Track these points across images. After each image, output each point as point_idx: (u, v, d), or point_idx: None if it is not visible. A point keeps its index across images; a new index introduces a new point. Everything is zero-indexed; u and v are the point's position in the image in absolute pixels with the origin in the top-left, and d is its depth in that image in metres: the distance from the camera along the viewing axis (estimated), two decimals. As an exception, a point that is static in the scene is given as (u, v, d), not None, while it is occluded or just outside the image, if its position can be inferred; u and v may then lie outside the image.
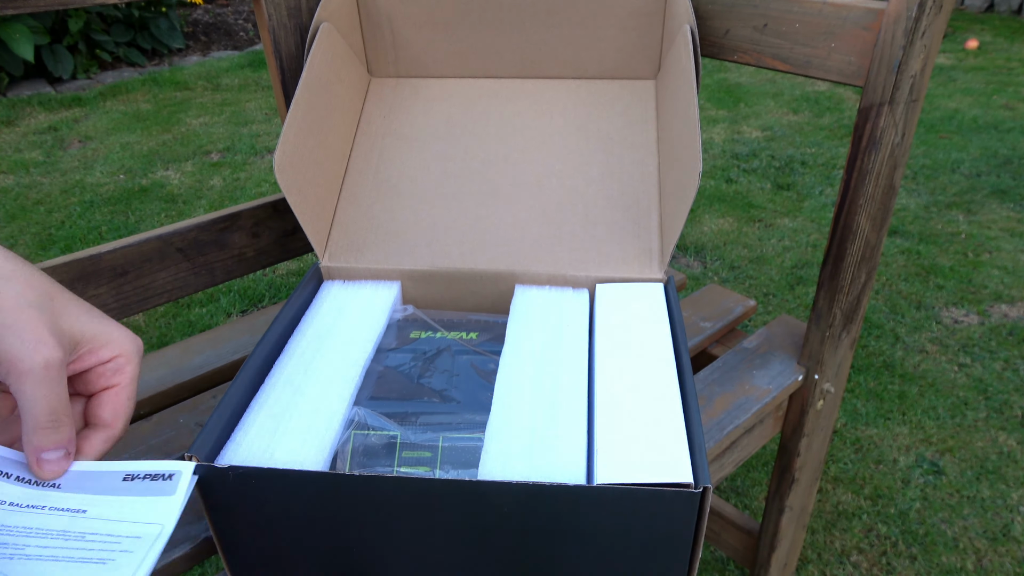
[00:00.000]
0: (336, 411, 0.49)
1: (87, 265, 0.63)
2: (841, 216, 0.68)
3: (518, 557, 0.44)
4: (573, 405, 0.49)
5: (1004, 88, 3.29)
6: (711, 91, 3.36)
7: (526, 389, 0.50)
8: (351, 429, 0.48)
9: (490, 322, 0.60)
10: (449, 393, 0.52)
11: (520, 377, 0.51)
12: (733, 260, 2.04)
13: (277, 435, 0.47)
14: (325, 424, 0.48)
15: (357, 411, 0.50)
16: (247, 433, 0.47)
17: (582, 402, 0.49)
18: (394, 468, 0.47)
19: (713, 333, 0.93)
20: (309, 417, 0.48)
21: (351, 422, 0.49)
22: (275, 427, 0.47)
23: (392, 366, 0.55)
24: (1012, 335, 1.72)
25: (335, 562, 0.47)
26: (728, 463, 0.77)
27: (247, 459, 0.45)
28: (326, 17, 0.68)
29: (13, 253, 0.40)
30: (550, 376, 0.51)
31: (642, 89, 0.74)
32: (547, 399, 0.49)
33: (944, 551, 1.21)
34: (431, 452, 0.47)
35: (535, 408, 0.48)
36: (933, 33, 0.59)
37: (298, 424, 0.48)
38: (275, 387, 0.51)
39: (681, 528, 0.41)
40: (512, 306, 0.59)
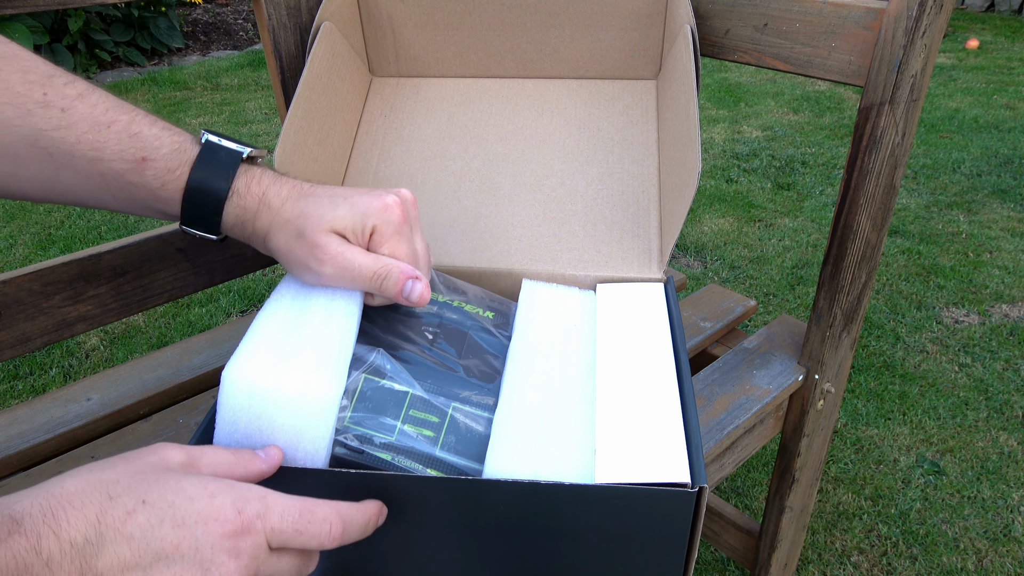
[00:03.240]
0: (346, 343, 0.46)
1: (87, 265, 0.63)
2: (841, 216, 0.68)
3: (516, 555, 0.44)
4: (580, 403, 0.49)
5: (1005, 88, 3.29)
6: (711, 91, 3.36)
7: (533, 385, 0.50)
8: (363, 372, 0.46)
9: (503, 307, 0.59)
10: (464, 363, 0.51)
11: (528, 372, 0.51)
12: (733, 260, 2.04)
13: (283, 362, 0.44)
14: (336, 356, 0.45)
15: (376, 355, 0.48)
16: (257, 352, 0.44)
17: (590, 400, 0.49)
18: (398, 424, 0.45)
19: (713, 333, 0.93)
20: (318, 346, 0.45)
21: (366, 363, 0.47)
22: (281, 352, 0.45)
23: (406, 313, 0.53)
24: (1013, 335, 1.72)
25: (335, 559, 0.47)
26: (728, 463, 0.77)
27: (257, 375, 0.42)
28: (327, 17, 0.68)
29: None
30: (558, 372, 0.51)
31: (642, 89, 0.74)
32: (555, 396, 0.49)
33: (945, 551, 1.21)
34: (439, 418, 0.46)
35: (542, 405, 0.48)
36: (933, 32, 0.59)
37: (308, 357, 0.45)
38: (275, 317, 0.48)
39: (677, 527, 0.41)
40: (520, 300, 0.59)
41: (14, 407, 0.76)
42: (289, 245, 0.46)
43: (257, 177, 0.47)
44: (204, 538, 0.34)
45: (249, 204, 0.46)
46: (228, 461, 0.39)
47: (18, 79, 0.41)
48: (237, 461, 0.39)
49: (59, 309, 0.63)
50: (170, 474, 0.35)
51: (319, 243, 0.45)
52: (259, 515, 0.36)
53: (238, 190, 0.46)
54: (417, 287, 0.47)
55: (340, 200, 0.46)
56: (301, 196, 0.46)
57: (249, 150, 0.47)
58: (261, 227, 0.46)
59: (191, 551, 0.33)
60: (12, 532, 0.29)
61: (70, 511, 0.31)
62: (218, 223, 0.46)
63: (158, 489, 0.34)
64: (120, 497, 0.33)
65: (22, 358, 1.67)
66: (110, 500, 0.32)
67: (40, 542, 0.30)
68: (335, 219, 0.45)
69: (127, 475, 0.34)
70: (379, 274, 0.46)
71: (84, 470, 0.34)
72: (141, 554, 0.32)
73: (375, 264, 0.46)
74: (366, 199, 0.46)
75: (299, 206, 0.46)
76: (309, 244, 0.45)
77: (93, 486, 0.33)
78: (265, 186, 0.46)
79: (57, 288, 0.62)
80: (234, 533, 0.34)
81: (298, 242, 0.45)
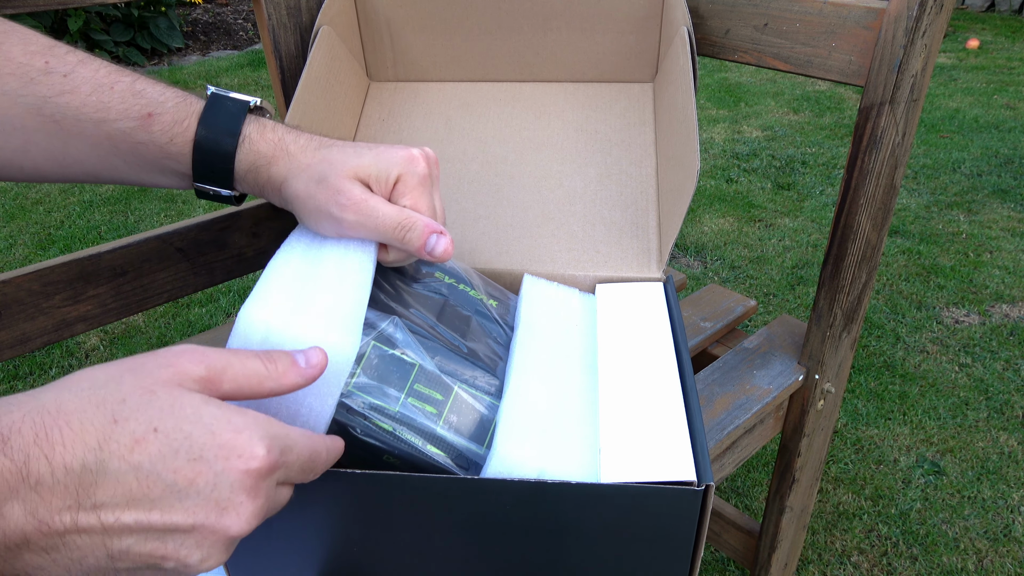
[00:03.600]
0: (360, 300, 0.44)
1: (87, 265, 0.63)
2: (842, 216, 0.68)
3: (521, 554, 0.44)
4: (583, 399, 0.49)
5: (1005, 88, 3.29)
6: (711, 91, 3.36)
7: (539, 377, 0.50)
8: (373, 338, 0.45)
9: (503, 298, 0.58)
10: (469, 346, 0.50)
11: (534, 364, 0.51)
12: (733, 260, 2.04)
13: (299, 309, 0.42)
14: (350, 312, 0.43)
15: (389, 323, 0.46)
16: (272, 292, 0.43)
17: (592, 397, 0.49)
18: (402, 396, 0.44)
19: (713, 333, 0.93)
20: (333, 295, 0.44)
21: (377, 330, 0.46)
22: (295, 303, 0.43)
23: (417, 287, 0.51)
24: (1013, 335, 1.72)
25: (337, 558, 0.47)
26: (728, 463, 0.77)
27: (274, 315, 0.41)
28: (326, 21, 0.68)
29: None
30: (562, 368, 0.51)
31: (640, 92, 0.74)
32: (559, 391, 0.49)
33: (945, 551, 1.21)
34: (443, 395, 0.46)
35: (547, 398, 0.48)
36: (934, 32, 0.59)
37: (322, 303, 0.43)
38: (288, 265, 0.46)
39: (683, 525, 0.41)
40: (523, 293, 0.58)
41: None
42: (309, 191, 0.44)
43: (270, 126, 0.46)
44: (224, 474, 0.30)
45: (264, 149, 0.45)
46: (257, 375, 0.34)
47: (19, 50, 0.41)
48: (268, 374, 0.35)
49: (59, 309, 0.63)
50: (187, 397, 0.31)
51: (342, 188, 0.44)
52: (283, 453, 0.33)
53: (249, 135, 0.45)
54: (442, 242, 0.45)
55: (364, 149, 0.45)
56: (322, 145, 0.46)
57: (257, 100, 0.46)
58: (277, 174, 0.45)
59: (208, 487, 0.30)
60: (25, 476, 0.27)
61: (66, 432, 0.28)
62: (230, 173, 0.45)
63: (172, 417, 0.30)
64: (127, 421, 0.29)
65: (22, 358, 1.67)
66: (114, 424, 0.29)
67: (28, 464, 0.27)
68: (359, 166, 0.44)
69: (136, 394, 0.30)
70: (403, 225, 0.44)
71: (85, 383, 0.30)
72: (150, 486, 0.29)
73: (399, 215, 0.45)
74: (391, 150, 0.46)
75: (321, 153, 0.45)
76: (332, 189, 0.44)
77: (95, 406, 0.29)
78: (281, 134, 0.46)
79: (57, 288, 0.62)
80: (257, 472, 0.31)
81: (319, 187, 0.44)
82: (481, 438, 0.46)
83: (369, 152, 0.45)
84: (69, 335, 0.64)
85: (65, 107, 0.42)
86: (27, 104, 0.41)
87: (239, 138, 0.44)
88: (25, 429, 0.28)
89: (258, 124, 0.45)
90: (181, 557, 0.30)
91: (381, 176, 0.45)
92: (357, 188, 0.44)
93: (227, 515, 0.31)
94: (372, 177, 0.45)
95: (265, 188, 0.46)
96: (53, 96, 0.41)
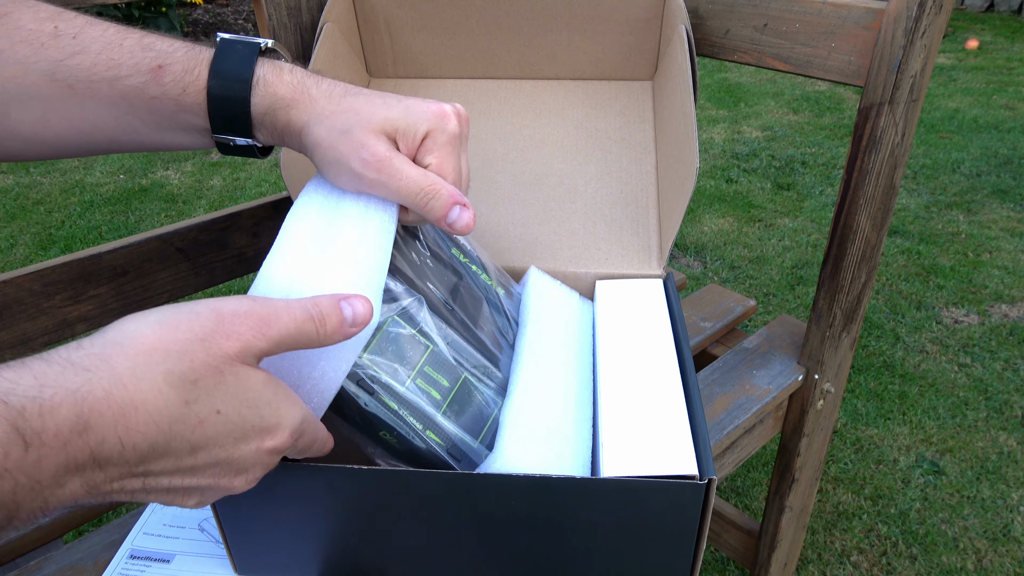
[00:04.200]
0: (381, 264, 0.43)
1: (87, 265, 0.63)
2: (841, 216, 0.68)
3: (525, 548, 0.44)
4: (584, 403, 0.49)
5: (1004, 88, 3.29)
6: (711, 91, 3.36)
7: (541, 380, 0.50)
8: (395, 312, 0.44)
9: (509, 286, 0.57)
10: (479, 333, 0.49)
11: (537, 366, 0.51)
12: (733, 260, 2.04)
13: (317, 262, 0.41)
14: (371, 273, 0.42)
15: (414, 301, 0.45)
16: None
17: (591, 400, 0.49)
18: (409, 378, 0.43)
19: (713, 333, 0.93)
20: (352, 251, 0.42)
21: (399, 304, 0.44)
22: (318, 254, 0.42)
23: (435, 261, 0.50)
24: (1012, 335, 1.72)
25: (339, 557, 0.47)
26: (728, 463, 0.77)
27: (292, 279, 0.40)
28: (330, 20, 0.69)
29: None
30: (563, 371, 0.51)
31: (639, 90, 0.74)
32: (561, 395, 0.49)
33: (944, 551, 1.21)
34: (449, 382, 0.45)
35: (550, 401, 0.48)
36: (933, 33, 0.59)
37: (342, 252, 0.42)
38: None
39: (686, 520, 0.41)
40: (529, 289, 0.58)
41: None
42: (332, 140, 0.42)
43: (287, 68, 0.44)
44: (256, 452, 0.34)
45: (282, 92, 0.43)
46: (309, 340, 0.36)
47: (29, 17, 0.41)
48: (318, 338, 0.36)
49: (59, 309, 0.63)
50: (250, 380, 0.33)
51: (367, 143, 0.42)
52: (299, 437, 0.36)
53: (264, 77, 0.43)
54: (465, 215, 0.43)
55: (393, 101, 0.43)
56: (348, 93, 0.43)
57: (269, 41, 0.44)
58: (297, 119, 0.43)
59: (239, 460, 0.34)
60: (81, 433, 0.28)
61: (142, 415, 0.29)
62: (248, 118, 0.43)
63: (234, 400, 0.32)
64: (196, 403, 0.31)
65: (22, 358, 1.67)
66: (186, 406, 0.31)
67: (103, 447, 0.28)
68: (387, 119, 0.42)
69: (207, 374, 0.31)
70: (426, 192, 0.42)
71: (159, 361, 0.30)
72: (197, 459, 0.32)
73: (424, 180, 0.42)
74: (422, 104, 0.44)
75: (347, 101, 0.43)
76: (356, 143, 0.42)
77: (168, 384, 0.30)
78: (300, 76, 0.44)
79: (57, 288, 0.62)
80: (278, 451, 0.35)
81: (343, 138, 0.42)
82: (477, 431, 0.46)
83: (398, 104, 0.43)
84: (70, 335, 0.64)
85: (77, 69, 0.41)
86: (41, 71, 0.41)
87: (253, 80, 0.42)
88: (107, 412, 0.28)
89: (273, 66, 0.43)
90: (181, 501, 0.34)
91: (409, 131, 0.43)
92: (382, 144, 0.42)
93: (239, 478, 0.35)
94: (399, 131, 0.42)
95: (284, 133, 0.44)
96: (64, 59, 0.41)
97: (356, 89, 0.44)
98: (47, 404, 0.27)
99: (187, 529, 0.55)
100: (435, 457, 0.44)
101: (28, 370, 0.28)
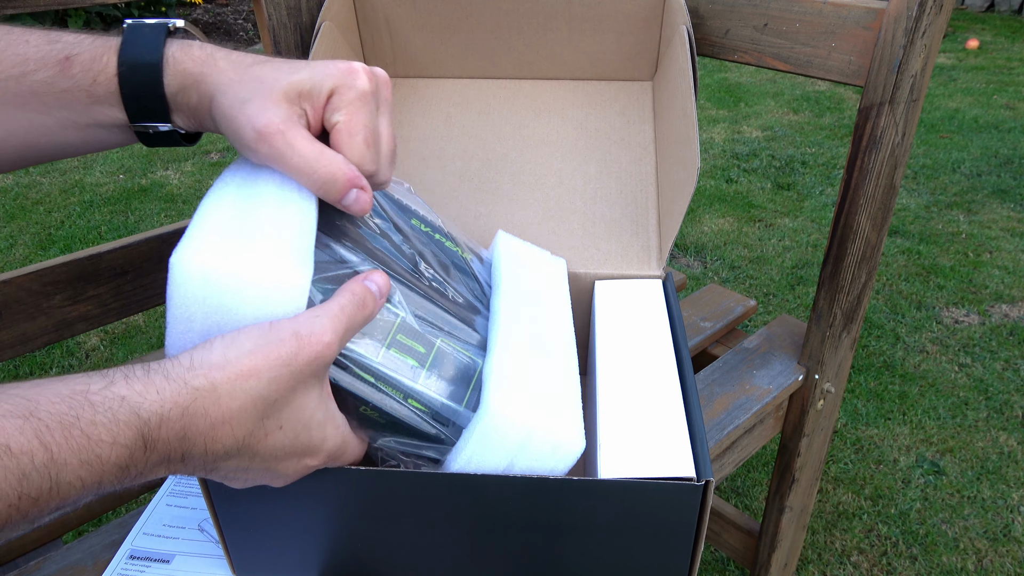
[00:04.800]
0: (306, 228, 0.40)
1: (87, 265, 0.63)
2: (841, 216, 0.68)
3: (523, 550, 0.44)
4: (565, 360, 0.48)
5: (1005, 88, 3.29)
6: (711, 91, 3.36)
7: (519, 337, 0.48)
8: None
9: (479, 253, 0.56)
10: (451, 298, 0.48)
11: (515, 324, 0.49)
12: (733, 260, 2.04)
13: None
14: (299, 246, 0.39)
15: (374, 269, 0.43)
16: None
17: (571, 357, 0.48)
18: (382, 349, 0.42)
19: (713, 333, 0.93)
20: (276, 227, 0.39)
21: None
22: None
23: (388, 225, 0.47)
24: (1013, 335, 1.72)
25: (337, 556, 0.47)
26: (728, 463, 0.77)
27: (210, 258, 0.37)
28: (328, 18, 0.68)
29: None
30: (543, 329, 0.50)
31: (639, 90, 0.74)
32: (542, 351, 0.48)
33: (945, 551, 1.21)
34: (425, 348, 0.44)
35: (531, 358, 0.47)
36: (933, 32, 0.59)
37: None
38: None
39: (684, 521, 0.41)
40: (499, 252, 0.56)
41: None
42: (234, 111, 0.39)
43: (197, 45, 0.41)
44: (295, 468, 0.38)
45: (191, 68, 0.40)
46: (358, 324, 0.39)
47: None
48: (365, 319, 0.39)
49: (59, 309, 0.63)
50: (311, 394, 0.37)
51: (263, 113, 0.38)
52: (337, 462, 0.40)
53: (173, 55, 0.40)
54: (363, 198, 0.41)
55: (301, 65, 0.40)
56: (257, 62, 0.40)
57: (179, 21, 0.42)
58: (205, 92, 0.40)
59: (282, 471, 0.38)
60: (181, 440, 0.32)
61: (227, 429, 0.34)
62: (163, 102, 0.40)
63: (298, 419, 0.36)
64: (269, 419, 0.35)
65: (22, 358, 1.67)
66: (260, 422, 0.35)
67: (191, 450, 0.33)
68: (291, 83, 0.39)
69: (285, 391, 0.35)
70: (320, 172, 0.39)
71: (253, 386, 0.34)
72: (252, 463, 0.36)
73: (317, 160, 0.39)
74: (330, 63, 0.41)
75: (254, 70, 0.40)
76: (253, 112, 0.38)
77: (254, 404, 0.34)
78: (209, 51, 0.41)
79: (57, 288, 0.62)
80: (313, 469, 0.39)
81: (242, 109, 0.38)
82: (460, 396, 0.44)
83: (306, 67, 0.40)
84: (69, 335, 0.64)
85: None
86: None
87: (162, 61, 0.40)
88: (202, 424, 0.33)
89: (182, 44, 0.41)
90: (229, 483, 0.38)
91: (314, 91, 0.39)
92: (280, 114, 0.38)
93: (278, 480, 0.39)
94: (304, 94, 0.39)
95: (198, 111, 0.41)
96: None
97: (266, 58, 0.41)
98: (166, 417, 0.32)
99: (187, 529, 0.55)
100: (420, 425, 0.43)
101: (153, 385, 0.32)
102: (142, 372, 0.32)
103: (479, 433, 0.41)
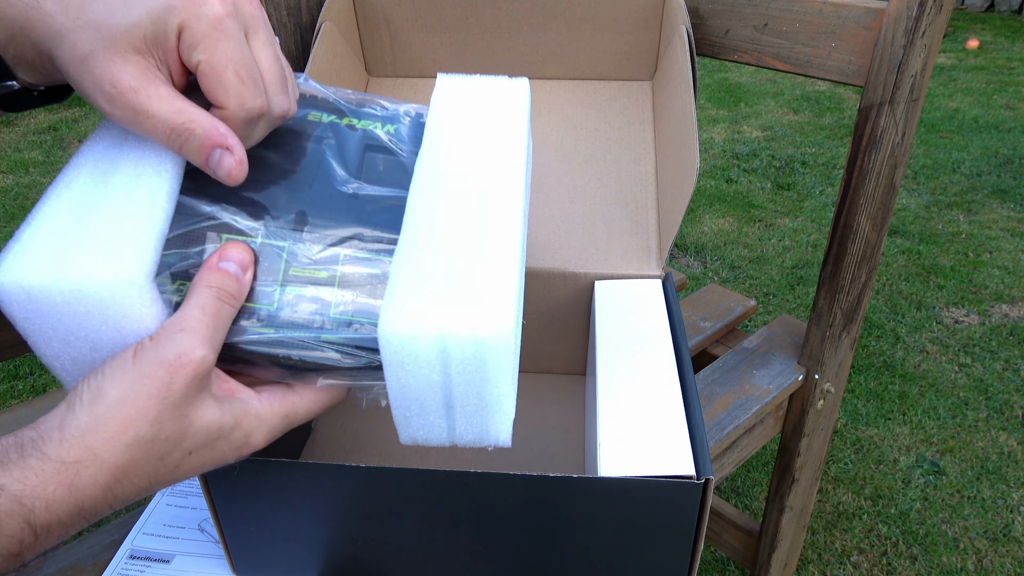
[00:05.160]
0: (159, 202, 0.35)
1: (86, 265, 0.63)
2: (841, 216, 0.68)
3: (522, 548, 0.44)
4: (502, 229, 0.39)
5: (1005, 88, 3.29)
6: (711, 91, 3.36)
7: (445, 206, 0.40)
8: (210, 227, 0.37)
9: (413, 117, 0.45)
10: (358, 192, 0.40)
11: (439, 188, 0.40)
12: (733, 260, 2.04)
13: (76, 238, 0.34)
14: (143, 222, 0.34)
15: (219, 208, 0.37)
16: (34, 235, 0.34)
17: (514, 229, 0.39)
18: (277, 289, 0.37)
19: (713, 333, 0.93)
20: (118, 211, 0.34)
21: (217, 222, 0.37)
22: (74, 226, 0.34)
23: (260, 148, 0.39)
24: (1013, 335, 1.72)
25: (335, 556, 0.47)
26: (728, 463, 0.77)
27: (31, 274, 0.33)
28: (328, 19, 0.69)
29: None
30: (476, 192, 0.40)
31: (638, 90, 0.74)
32: (473, 220, 0.39)
33: (945, 551, 1.21)
34: (328, 272, 0.37)
35: (456, 231, 0.38)
36: (933, 32, 0.59)
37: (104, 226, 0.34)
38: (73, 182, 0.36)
39: (683, 520, 0.41)
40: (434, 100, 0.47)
41: (14, 407, 0.76)
42: (75, 70, 0.32)
43: None
44: (236, 458, 0.37)
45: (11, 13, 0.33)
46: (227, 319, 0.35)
47: None
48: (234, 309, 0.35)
49: (59, 309, 0.63)
50: (206, 402, 0.34)
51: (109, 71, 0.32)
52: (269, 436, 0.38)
53: None
54: (227, 160, 0.34)
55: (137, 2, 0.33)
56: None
57: None
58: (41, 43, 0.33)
59: (207, 464, 0.36)
60: (78, 516, 0.31)
61: (127, 483, 0.32)
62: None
63: (202, 435, 0.34)
64: (170, 455, 0.33)
65: (22, 358, 1.67)
66: (161, 461, 0.33)
67: (98, 514, 0.32)
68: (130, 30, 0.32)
69: (172, 424, 0.33)
70: (177, 131, 0.33)
71: (132, 436, 0.32)
72: (169, 482, 0.35)
73: (174, 118, 0.33)
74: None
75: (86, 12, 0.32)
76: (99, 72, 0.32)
77: (144, 452, 0.32)
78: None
79: (57, 288, 0.62)
80: (240, 454, 0.37)
81: (84, 67, 0.32)
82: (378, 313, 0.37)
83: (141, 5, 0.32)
84: (69, 334, 0.64)
85: None
86: None
87: None
88: (96, 493, 0.32)
89: None
90: None
91: (159, 32, 0.32)
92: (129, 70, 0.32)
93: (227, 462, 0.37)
94: (149, 39, 0.32)
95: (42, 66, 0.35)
96: None
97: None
98: (52, 500, 0.30)
99: (187, 529, 0.55)
100: (347, 362, 0.37)
101: (30, 468, 0.30)
102: (16, 454, 0.30)
103: (387, 362, 0.35)
